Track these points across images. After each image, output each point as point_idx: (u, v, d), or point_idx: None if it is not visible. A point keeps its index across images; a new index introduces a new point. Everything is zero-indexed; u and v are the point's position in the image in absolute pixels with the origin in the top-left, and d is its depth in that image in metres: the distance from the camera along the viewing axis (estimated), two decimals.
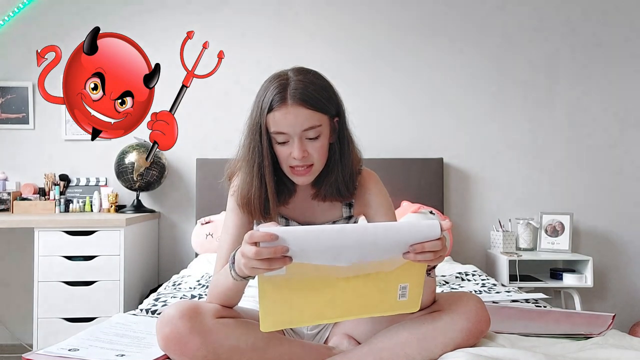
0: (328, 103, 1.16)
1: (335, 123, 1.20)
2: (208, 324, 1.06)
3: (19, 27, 2.94)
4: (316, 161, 1.17)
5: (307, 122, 1.12)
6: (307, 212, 1.30)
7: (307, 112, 1.11)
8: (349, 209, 1.31)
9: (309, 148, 1.14)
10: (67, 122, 2.94)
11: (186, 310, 1.06)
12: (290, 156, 1.14)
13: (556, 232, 2.84)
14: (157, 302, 1.71)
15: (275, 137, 1.14)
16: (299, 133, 1.12)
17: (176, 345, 1.04)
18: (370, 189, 1.30)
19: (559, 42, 3.04)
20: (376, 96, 3.00)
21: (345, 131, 1.23)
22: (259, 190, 1.18)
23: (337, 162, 1.21)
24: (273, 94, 1.12)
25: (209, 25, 2.99)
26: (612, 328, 1.32)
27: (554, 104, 3.03)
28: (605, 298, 3.02)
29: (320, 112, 1.14)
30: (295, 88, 1.11)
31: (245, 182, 1.20)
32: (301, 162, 1.14)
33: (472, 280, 2.11)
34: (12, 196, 2.78)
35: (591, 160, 3.04)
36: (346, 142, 1.23)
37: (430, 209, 2.74)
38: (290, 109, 1.10)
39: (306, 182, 1.20)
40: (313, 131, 1.13)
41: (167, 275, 2.79)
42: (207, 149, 2.94)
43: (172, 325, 1.04)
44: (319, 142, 1.15)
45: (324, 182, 1.23)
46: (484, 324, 1.15)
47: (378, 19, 3.03)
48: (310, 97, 1.12)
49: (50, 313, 2.36)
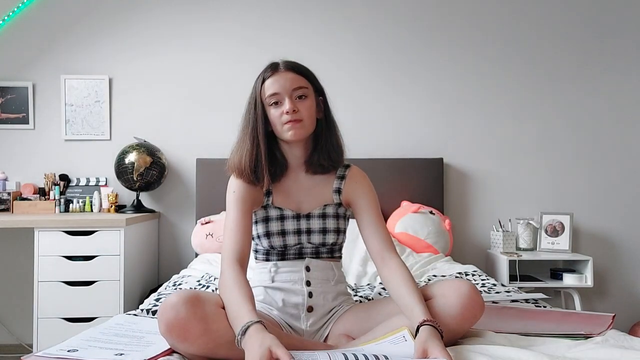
0: (312, 76, 1.39)
1: (321, 102, 1.40)
2: (211, 312, 1.08)
3: (19, 27, 2.94)
4: (305, 117, 1.33)
5: (295, 82, 1.33)
6: (301, 197, 1.39)
7: (295, 75, 1.34)
8: (338, 196, 1.42)
9: (299, 106, 1.32)
10: (67, 122, 2.94)
11: (189, 297, 1.07)
12: (282, 114, 1.31)
13: (556, 232, 2.84)
14: (157, 302, 1.70)
15: (269, 99, 1.33)
16: (289, 92, 1.32)
17: (179, 331, 1.05)
18: (357, 179, 1.43)
19: (559, 42, 3.03)
20: (376, 96, 3.00)
21: (329, 111, 1.42)
22: (251, 151, 1.33)
23: (325, 131, 1.40)
24: (266, 71, 1.36)
25: (210, 26, 2.99)
26: (612, 328, 1.32)
27: (555, 104, 3.03)
28: (605, 298, 3.02)
29: (306, 78, 1.36)
30: (285, 62, 1.37)
31: (239, 148, 1.35)
32: (292, 117, 1.30)
33: (472, 280, 2.10)
34: (12, 196, 2.78)
35: (591, 160, 3.04)
36: (331, 119, 1.42)
37: (430, 209, 2.74)
38: (281, 74, 1.34)
39: (297, 135, 1.32)
40: (301, 90, 1.33)
41: (167, 275, 2.79)
42: (207, 149, 2.94)
43: (175, 311, 1.05)
44: (307, 102, 1.34)
45: (316, 149, 1.39)
46: (477, 309, 1.17)
47: (378, 19, 3.03)
48: (297, 66, 1.37)
49: (50, 313, 2.37)
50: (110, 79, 2.97)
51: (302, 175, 1.41)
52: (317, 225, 1.37)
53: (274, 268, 1.37)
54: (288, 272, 1.36)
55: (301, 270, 1.35)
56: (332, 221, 1.38)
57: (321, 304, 1.35)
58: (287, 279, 1.35)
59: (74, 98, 2.94)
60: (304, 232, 1.37)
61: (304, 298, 1.33)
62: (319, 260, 1.38)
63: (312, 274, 1.35)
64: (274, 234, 1.35)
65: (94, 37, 2.97)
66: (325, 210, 1.38)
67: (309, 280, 1.35)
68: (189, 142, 2.97)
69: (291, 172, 1.40)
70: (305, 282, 1.34)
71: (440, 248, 2.60)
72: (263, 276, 1.38)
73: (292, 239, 1.36)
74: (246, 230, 1.30)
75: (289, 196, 1.39)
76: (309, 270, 1.36)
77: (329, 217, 1.38)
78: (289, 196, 1.39)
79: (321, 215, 1.38)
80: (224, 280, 1.19)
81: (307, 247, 1.37)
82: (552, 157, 3.04)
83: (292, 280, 1.35)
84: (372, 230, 1.36)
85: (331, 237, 1.38)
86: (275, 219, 1.36)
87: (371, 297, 1.72)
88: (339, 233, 1.40)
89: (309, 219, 1.37)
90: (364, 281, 2.12)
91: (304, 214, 1.38)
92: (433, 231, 2.59)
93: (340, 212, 1.41)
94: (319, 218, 1.37)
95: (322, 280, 1.36)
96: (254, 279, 1.40)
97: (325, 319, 1.35)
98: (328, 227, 1.37)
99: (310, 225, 1.37)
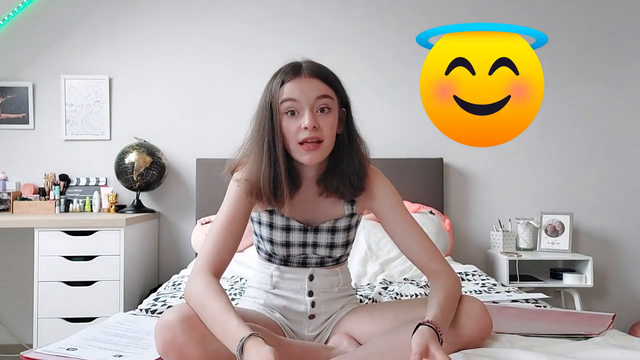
0: (339, 84, 1.20)
1: (343, 114, 1.22)
2: (208, 334, 1.02)
3: (19, 27, 2.94)
4: (325, 137, 1.15)
5: (319, 90, 1.14)
6: (308, 211, 1.27)
7: (320, 83, 1.15)
8: (352, 207, 1.29)
9: (320, 121, 1.14)
10: (67, 122, 2.94)
11: (186, 318, 1.02)
12: (300, 129, 1.13)
13: (556, 232, 2.84)
14: (157, 302, 1.70)
15: (284, 105, 1.13)
16: (312, 102, 1.13)
17: (176, 354, 1.01)
18: (373, 184, 1.27)
19: (559, 42, 3.03)
20: (376, 96, 3.00)
21: (352, 124, 1.24)
22: (269, 169, 1.15)
23: (346, 151, 1.21)
24: (286, 72, 1.16)
25: (210, 26, 2.99)
26: (612, 328, 1.32)
27: (554, 104, 3.02)
28: (605, 298, 3.02)
29: (332, 87, 1.17)
30: (309, 65, 1.17)
31: (255, 163, 1.17)
32: (311, 134, 1.12)
33: (472, 280, 2.11)
34: (12, 196, 2.78)
35: (591, 160, 3.04)
36: (354, 134, 1.24)
37: (430, 209, 2.74)
38: (304, 79, 1.14)
39: (314, 160, 1.16)
40: (325, 101, 1.14)
41: (167, 275, 2.79)
42: (207, 149, 2.93)
43: (171, 334, 1.01)
44: (329, 117, 1.15)
45: (334, 172, 1.21)
46: (486, 330, 1.15)
47: (378, 19, 3.03)
48: (323, 72, 1.17)
49: (50, 313, 2.37)
50: (110, 79, 2.97)
51: (314, 192, 1.26)
52: (325, 240, 1.27)
53: (277, 273, 1.29)
54: (290, 280, 1.28)
55: (304, 279, 1.28)
56: (341, 235, 1.28)
57: (323, 311, 1.30)
58: (289, 287, 1.28)
59: (74, 98, 2.94)
60: (309, 245, 1.27)
61: (307, 307, 1.27)
62: (324, 268, 1.30)
63: (315, 283, 1.28)
64: (278, 244, 1.27)
65: (94, 37, 2.97)
66: (335, 225, 1.27)
67: (312, 290, 1.28)
68: (189, 142, 2.97)
69: (303, 188, 1.25)
70: (308, 292, 1.28)
71: (440, 248, 2.59)
72: (264, 279, 1.31)
73: (296, 250, 1.27)
74: (233, 236, 1.17)
75: (297, 209, 1.25)
76: (312, 279, 1.28)
77: (338, 232, 1.28)
78: (297, 209, 1.25)
79: (330, 229, 1.27)
80: (196, 289, 1.07)
81: (312, 257, 1.29)
82: (552, 157, 3.03)
83: (295, 289, 1.28)
84: (409, 242, 1.23)
85: (338, 251, 1.30)
86: (280, 229, 1.26)
87: (371, 297, 1.72)
88: (348, 245, 1.32)
89: (317, 232, 1.26)
90: (364, 281, 2.12)
91: (312, 227, 1.26)
92: (433, 231, 2.59)
93: (353, 222, 1.31)
94: (327, 232, 1.27)
95: (325, 289, 1.30)
96: (254, 279, 1.37)
97: (327, 322, 1.31)
98: (336, 242, 1.28)
99: (317, 239, 1.27)
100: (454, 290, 1.17)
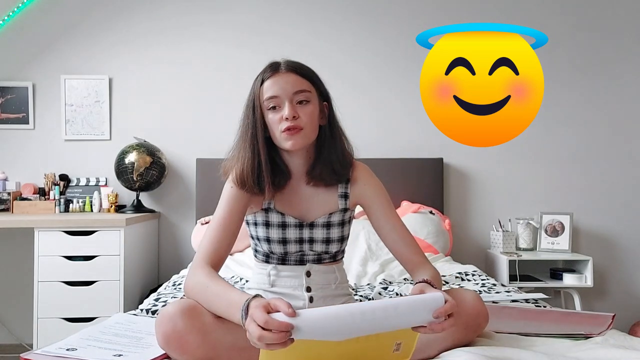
0: (316, 79, 1.28)
1: (325, 108, 1.30)
2: (208, 323, 1.06)
3: (19, 27, 2.94)
4: (305, 124, 1.22)
5: (297, 85, 1.23)
6: (302, 204, 1.32)
7: (297, 78, 1.24)
8: (345, 201, 1.34)
9: (299, 111, 1.22)
10: (67, 122, 2.94)
11: (186, 309, 1.05)
12: (282, 120, 1.22)
13: (556, 232, 2.84)
14: (157, 302, 1.70)
15: (267, 102, 1.23)
16: (290, 95, 1.22)
17: (176, 344, 1.04)
18: (365, 179, 1.36)
19: (558, 43, 3.03)
20: (377, 96, 3.00)
21: (334, 118, 1.32)
22: (252, 158, 1.24)
23: (329, 141, 1.30)
24: (265, 71, 1.26)
25: (210, 27, 2.99)
26: (612, 328, 1.32)
27: (554, 103, 3.02)
28: (605, 298, 3.02)
29: (309, 81, 1.26)
30: (287, 62, 1.26)
31: (240, 156, 1.26)
32: (292, 123, 1.20)
33: (472, 280, 2.11)
34: (12, 196, 2.78)
35: (591, 160, 3.04)
36: (336, 127, 1.32)
37: (430, 209, 2.73)
38: (282, 75, 1.23)
39: (296, 145, 1.23)
40: (303, 95, 1.23)
41: (167, 275, 2.79)
42: (207, 149, 2.93)
43: (172, 324, 1.03)
44: (308, 107, 1.24)
45: (318, 161, 1.29)
46: (482, 319, 1.16)
47: (378, 20, 3.03)
48: (300, 67, 1.26)
49: (50, 313, 2.37)
50: (110, 79, 2.97)
51: (304, 185, 1.32)
52: (321, 235, 1.32)
53: (274, 272, 1.33)
54: (288, 277, 1.32)
55: (301, 276, 1.31)
56: (336, 230, 1.33)
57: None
58: (287, 284, 1.32)
59: (74, 98, 2.94)
60: (306, 241, 1.32)
61: (305, 303, 1.30)
62: (321, 265, 1.34)
63: (312, 279, 1.32)
64: (275, 241, 1.31)
65: (94, 37, 2.97)
66: (330, 219, 1.32)
67: (310, 286, 1.31)
68: (189, 142, 2.97)
69: (294, 181, 1.32)
70: (306, 287, 1.31)
71: (440, 248, 2.59)
72: (262, 279, 1.35)
73: (293, 247, 1.31)
74: (229, 233, 1.23)
75: (292, 204, 1.32)
76: (309, 275, 1.32)
77: (333, 226, 1.33)
78: (292, 204, 1.32)
79: (326, 224, 1.32)
80: (197, 277, 1.13)
81: (309, 254, 1.33)
82: (552, 157, 3.03)
83: (293, 285, 1.31)
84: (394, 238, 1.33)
85: (334, 246, 1.34)
86: (276, 226, 1.30)
87: (371, 297, 1.72)
88: (343, 241, 1.37)
89: (313, 228, 1.32)
90: (364, 281, 2.12)
91: (307, 222, 1.32)
92: (433, 231, 2.59)
93: (346, 217, 1.36)
94: (323, 227, 1.32)
95: (323, 285, 1.33)
96: (252, 280, 1.39)
97: None
98: (332, 237, 1.33)
99: (313, 235, 1.32)
100: (439, 277, 1.26)
